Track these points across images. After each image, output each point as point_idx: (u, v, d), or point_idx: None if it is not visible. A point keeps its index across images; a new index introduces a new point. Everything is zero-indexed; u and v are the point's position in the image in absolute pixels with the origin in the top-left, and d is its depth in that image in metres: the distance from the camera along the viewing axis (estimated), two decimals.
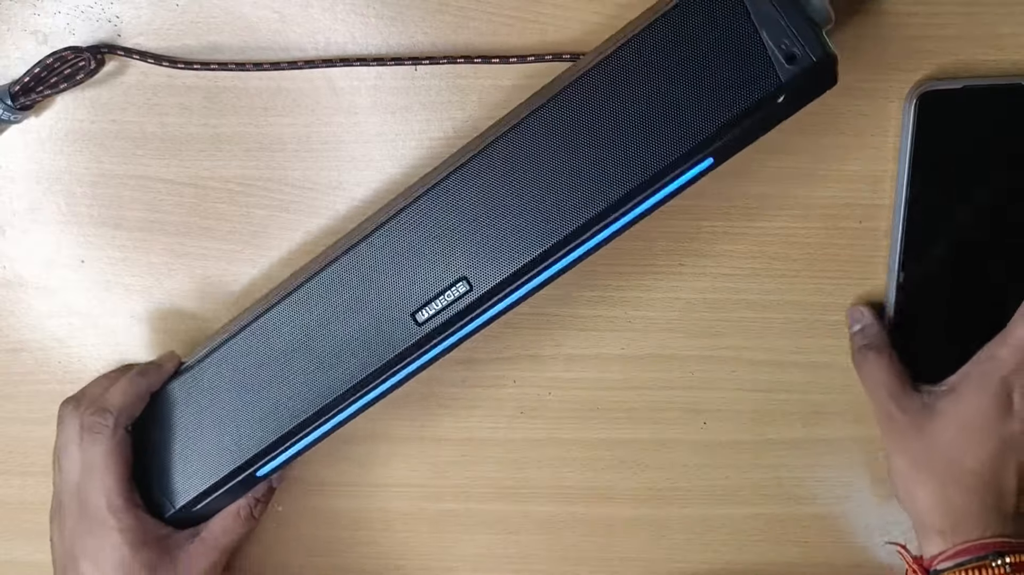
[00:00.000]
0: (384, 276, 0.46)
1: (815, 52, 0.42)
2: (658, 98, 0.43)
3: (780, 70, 0.42)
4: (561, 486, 0.56)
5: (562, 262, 0.46)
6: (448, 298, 0.46)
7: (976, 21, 0.48)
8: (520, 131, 0.45)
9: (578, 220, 0.44)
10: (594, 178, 0.44)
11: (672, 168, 0.44)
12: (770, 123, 0.44)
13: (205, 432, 0.49)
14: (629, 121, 0.43)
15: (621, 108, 0.44)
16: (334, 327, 0.47)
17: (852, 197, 0.51)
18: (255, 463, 0.49)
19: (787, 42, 0.42)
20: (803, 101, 0.44)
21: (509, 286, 0.46)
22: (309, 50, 0.50)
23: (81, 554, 0.48)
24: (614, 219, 0.45)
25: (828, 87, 0.44)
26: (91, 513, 0.48)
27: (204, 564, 0.50)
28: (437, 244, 0.46)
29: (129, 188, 0.53)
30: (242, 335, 0.48)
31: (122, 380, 0.50)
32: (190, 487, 0.50)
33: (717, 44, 0.42)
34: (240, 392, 0.48)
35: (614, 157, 0.44)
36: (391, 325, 0.46)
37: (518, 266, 0.45)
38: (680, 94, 0.43)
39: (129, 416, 0.49)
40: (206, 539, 0.51)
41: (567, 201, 0.44)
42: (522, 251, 0.45)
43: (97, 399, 0.49)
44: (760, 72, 0.42)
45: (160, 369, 0.51)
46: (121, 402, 0.49)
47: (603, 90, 0.44)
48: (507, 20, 0.49)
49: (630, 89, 0.43)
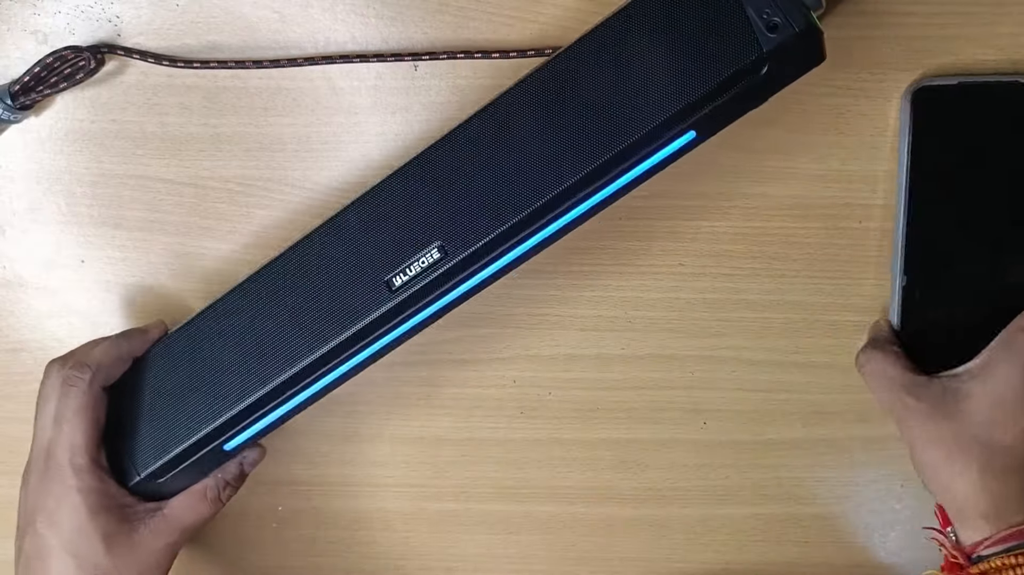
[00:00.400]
0: (359, 243, 0.46)
1: (798, 23, 0.41)
2: (639, 69, 0.43)
3: (762, 39, 0.42)
4: (561, 486, 0.56)
5: (540, 234, 0.45)
6: (422, 263, 0.45)
7: (975, 21, 0.48)
8: (501, 101, 0.44)
9: (555, 188, 0.44)
10: (574, 147, 0.44)
11: (652, 138, 0.43)
12: (755, 97, 0.44)
13: (175, 400, 0.49)
14: (610, 92, 0.43)
15: (602, 78, 0.43)
16: (308, 295, 0.47)
17: (852, 197, 0.51)
18: (223, 434, 0.48)
19: (768, 11, 0.42)
20: (788, 76, 0.44)
21: (485, 255, 0.45)
22: (309, 50, 0.50)
23: (40, 512, 0.48)
24: (593, 190, 0.44)
25: (815, 63, 0.43)
26: (54, 470, 0.48)
27: (162, 541, 0.49)
28: (413, 211, 0.45)
29: (129, 188, 0.53)
30: (216, 305, 0.48)
31: (106, 341, 0.50)
32: (157, 454, 0.49)
33: (699, 14, 0.42)
34: (211, 361, 0.48)
35: (594, 127, 0.43)
36: (365, 291, 0.46)
37: (494, 233, 0.45)
38: (661, 64, 0.43)
39: (107, 375, 0.49)
40: (168, 516, 0.50)
41: (546, 170, 0.44)
42: (499, 219, 0.44)
43: (78, 355, 0.49)
44: (742, 42, 0.42)
45: (145, 335, 0.51)
46: (100, 359, 0.49)
47: (585, 61, 0.43)
48: (507, 20, 0.49)
49: (611, 60, 0.43)
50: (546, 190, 0.44)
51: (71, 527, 0.48)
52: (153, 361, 0.50)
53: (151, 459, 0.49)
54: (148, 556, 0.49)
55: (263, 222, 0.53)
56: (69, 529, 0.48)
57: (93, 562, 0.48)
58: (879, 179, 0.50)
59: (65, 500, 0.48)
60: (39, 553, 0.48)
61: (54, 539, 0.48)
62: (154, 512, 0.50)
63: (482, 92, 0.50)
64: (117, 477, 0.49)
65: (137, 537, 0.49)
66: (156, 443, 0.49)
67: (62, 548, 0.48)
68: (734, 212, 0.52)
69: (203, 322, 0.49)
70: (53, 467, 0.48)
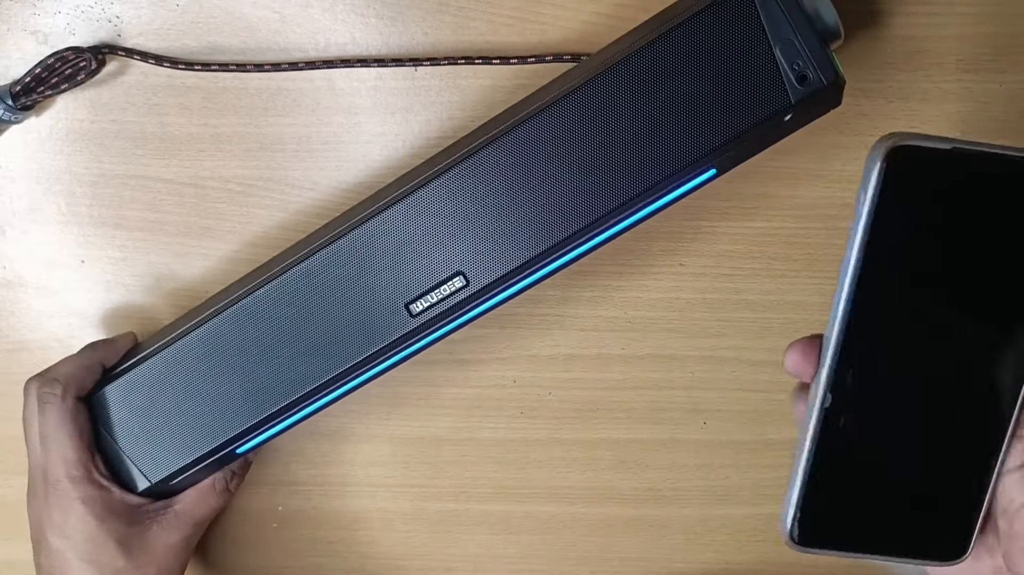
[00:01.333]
0: (381, 264, 0.46)
1: (827, 76, 0.42)
2: (666, 107, 0.43)
3: (791, 90, 0.42)
4: (561, 486, 0.56)
5: (559, 261, 0.46)
6: (444, 292, 0.46)
7: (976, 21, 0.48)
8: (527, 128, 0.45)
9: (579, 223, 0.44)
10: (597, 181, 0.44)
11: (675, 177, 0.44)
12: (772, 139, 0.45)
13: (187, 408, 0.49)
14: (636, 128, 0.43)
15: (629, 114, 0.44)
16: (326, 311, 0.47)
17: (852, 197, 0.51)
18: (236, 442, 0.49)
19: (800, 63, 0.42)
20: (806, 120, 0.44)
21: (506, 283, 0.46)
22: (309, 50, 0.50)
23: (49, 528, 0.48)
24: (614, 223, 0.45)
25: (832, 107, 0.44)
26: (52, 485, 0.48)
27: (176, 536, 0.50)
28: (436, 236, 0.46)
29: (129, 188, 0.53)
30: (230, 312, 0.48)
31: (74, 354, 0.50)
32: (169, 462, 0.49)
33: (730, 59, 0.42)
34: (225, 370, 0.48)
35: (619, 162, 0.44)
36: (385, 314, 0.46)
37: (516, 264, 0.45)
38: (689, 105, 0.43)
39: (79, 386, 0.49)
40: (180, 512, 0.50)
41: (569, 202, 0.44)
42: (521, 249, 0.45)
43: (48, 372, 0.49)
44: (771, 90, 0.42)
45: (113, 345, 0.51)
46: (68, 371, 0.49)
47: (612, 94, 0.44)
48: (507, 20, 0.49)
49: (639, 95, 0.43)
50: (571, 224, 0.44)
51: (83, 537, 0.48)
52: (158, 370, 0.49)
53: (164, 467, 0.49)
54: (165, 552, 0.49)
55: (263, 222, 0.53)
56: (82, 539, 0.48)
57: (113, 567, 0.48)
58: None
59: (71, 512, 0.48)
60: (58, 567, 0.48)
61: (69, 552, 0.48)
62: (165, 509, 0.50)
63: (482, 92, 0.50)
64: (124, 482, 0.50)
65: (151, 535, 0.49)
66: (168, 451, 0.49)
67: (79, 559, 0.48)
68: (734, 212, 0.52)
69: (218, 329, 0.48)
70: (51, 484, 0.48)
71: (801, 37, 0.42)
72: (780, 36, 0.42)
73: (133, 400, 0.50)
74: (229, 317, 0.48)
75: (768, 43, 0.42)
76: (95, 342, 0.52)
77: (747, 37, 0.42)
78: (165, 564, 0.49)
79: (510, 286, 0.46)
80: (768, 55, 0.42)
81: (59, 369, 0.49)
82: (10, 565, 0.58)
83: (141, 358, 0.50)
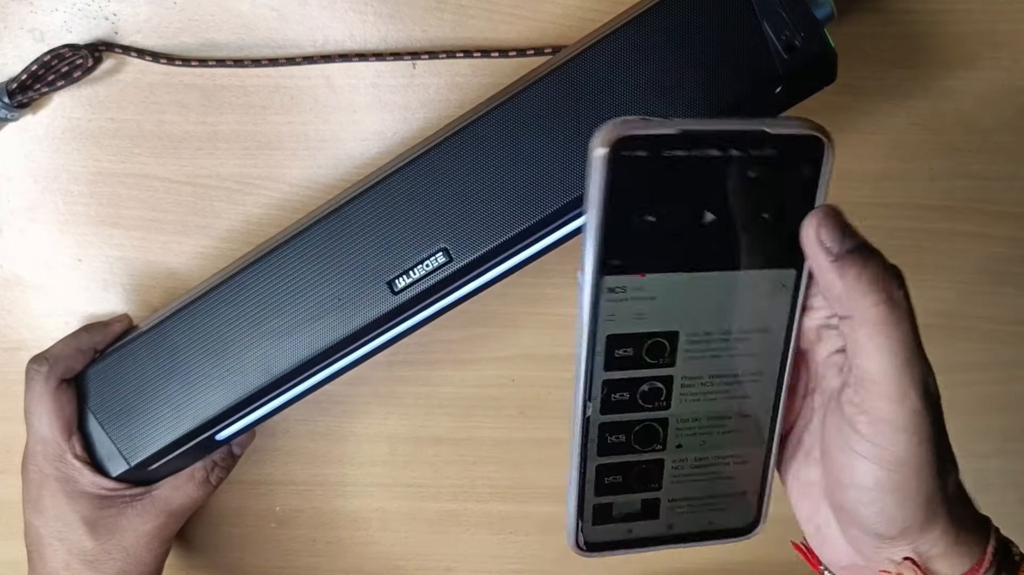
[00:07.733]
0: (362, 242, 0.46)
1: (815, 45, 0.42)
2: (654, 81, 0.43)
3: (779, 60, 0.42)
4: (561, 486, 0.56)
5: (545, 241, 0.45)
6: (427, 267, 0.45)
7: (975, 18, 0.48)
8: (512, 105, 0.44)
9: (562, 199, 0.44)
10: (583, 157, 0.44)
11: None
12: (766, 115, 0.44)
13: (168, 390, 0.48)
14: (623, 102, 0.43)
15: (616, 88, 0.43)
16: (306, 291, 0.46)
17: (852, 196, 0.51)
18: (215, 425, 0.48)
19: (788, 33, 0.42)
20: (799, 95, 0.44)
21: (489, 261, 0.45)
22: (307, 48, 0.50)
23: (26, 502, 0.49)
24: None
25: (826, 83, 0.43)
26: (30, 458, 0.49)
27: (150, 524, 0.50)
28: (419, 213, 0.45)
29: (127, 186, 0.52)
30: (212, 294, 0.48)
31: (68, 335, 0.51)
32: (148, 443, 0.49)
33: (717, 31, 0.42)
34: (206, 351, 0.48)
35: None
36: (366, 292, 0.46)
37: (500, 240, 0.44)
38: (676, 78, 0.43)
39: (66, 367, 0.49)
40: (156, 498, 0.50)
41: (554, 179, 0.44)
42: (505, 226, 0.44)
43: (42, 352, 0.50)
44: (759, 61, 0.42)
45: (106, 328, 0.51)
46: (58, 352, 0.49)
47: (599, 71, 0.43)
48: (505, 17, 0.49)
49: (626, 70, 0.43)
50: (556, 199, 0.44)
51: (54, 514, 0.49)
52: (141, 351, 0.49)
53: (143, 448, 0.49)
54: (135, 539, 0.49)
55: (261, 220, 0.52)
56: (52, 516, 0.49)
57: (80, 547, 0.48)
58: (880, 178, 0.50)
59: (44, 488, 0.49)
60: (35, 543, 0.49)
61: (43, 528, 0.49)
62: (141, 496, 0.50)
63: (481, 90, 0.50)
64: (102, 464, 0.50)
65: (124, 520, 0.49)
66: (148, 432, 0.49)
67: (50, 535, 0.49)
68: None
69: (200, 310, 0.48)
70: (30, 458, 0.49)
71: (788, 8, 0.42)
72: (767, 7, 0.42)
73: (117, 381, 0.49)
74: (212, 298, 0.48)
75: (755, 14, 0.42)
76: (89, 324, 0.52)
77: (735, 9, 0.42)
78: (134, 551, 0.49)
79: (494, 265, 0.45)
80: (756, 26, 0.42)
81: (52, 349, 0.50)
82: (10, 565, 0.57)
83: (127, 340, 0.50)
